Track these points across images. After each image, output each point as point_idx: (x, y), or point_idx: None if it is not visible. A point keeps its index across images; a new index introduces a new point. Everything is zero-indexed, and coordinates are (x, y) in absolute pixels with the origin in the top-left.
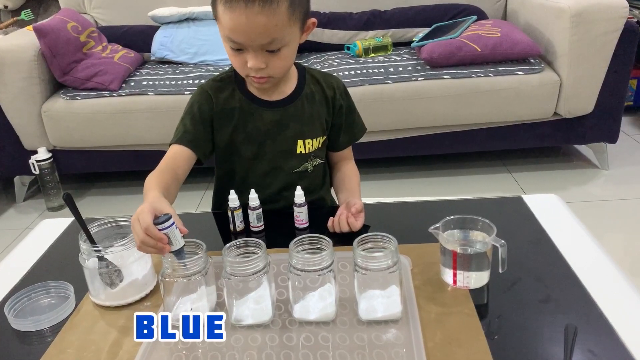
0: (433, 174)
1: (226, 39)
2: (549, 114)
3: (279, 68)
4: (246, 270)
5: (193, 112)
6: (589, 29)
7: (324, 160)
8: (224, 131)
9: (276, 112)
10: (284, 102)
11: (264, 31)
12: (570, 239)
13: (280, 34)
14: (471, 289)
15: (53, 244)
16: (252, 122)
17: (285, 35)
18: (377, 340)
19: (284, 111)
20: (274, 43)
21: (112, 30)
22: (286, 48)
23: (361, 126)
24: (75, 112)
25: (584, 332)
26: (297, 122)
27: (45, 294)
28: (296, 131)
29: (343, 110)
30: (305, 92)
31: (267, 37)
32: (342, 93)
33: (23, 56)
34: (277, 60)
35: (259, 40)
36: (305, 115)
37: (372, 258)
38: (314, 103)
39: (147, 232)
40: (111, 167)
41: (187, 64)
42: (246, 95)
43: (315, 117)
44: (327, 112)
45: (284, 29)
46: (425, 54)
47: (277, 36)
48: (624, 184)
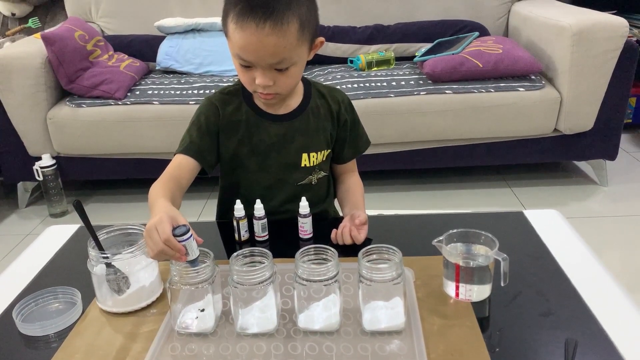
0: (434, 187)
1: (236, 56)
2: (549, 130)
3: (287, 85)
4: (253, 279)
5: (200, 123)
6: (589, 47)
7: (327, 173)
8: (229, 143)
9: (282, 126)
10: (290, 116)
11: (273, 51)
12: (570, 254)
13: (289, 54)
14: (473, 301)
15: (60, 250)
16: (258, 135)
17: (294, 55)
18: (380, 351)
19: (289, 125)
20: (282, 62)
21: (118, 39)
22: (294, 67)
23: (366, 139)
24: (80, 119)
25: (584, 346)
26: (302, 135)
27: (53, 300)
28: (301, 144)
29: (348, 124)
30: (310, 106)
31: (277, 57)
32: (347, 107)
33: (30, 63)
34: (284, 78)
35: (268, 59)
36: (311, 129)
37: (377, 269)
38: (319, 117)
39: (167, 243)
40: (114, 175)
41: (192, 74)
42: (253, 108)
43: (320, 131)
44: (332, 126)
45: (293, 49)
46: (427, 69)
47: (286, 56)
48: (623, 201)
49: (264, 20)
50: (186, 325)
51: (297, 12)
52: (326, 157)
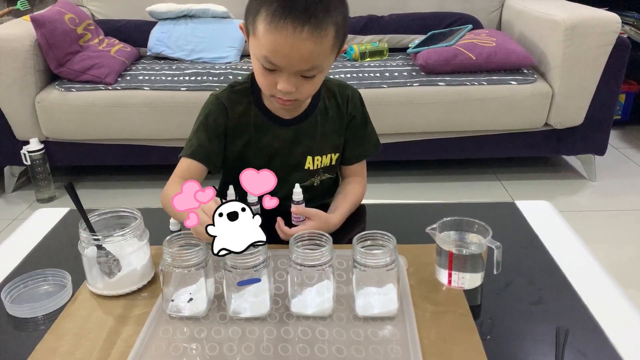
0: (423, 179)
1: (262, 58)
2: (539, 124)
3: (308, 92)
4: (246, 263)
5: (208, 125)
6: (582, 42)
7: (334, 175)
8: (235, 144)
9: (290, 130)
10: (298, 120)
11: (308, 58)
12: (561, 245)
13: (321, 61)
14: (465, 289)
15: (50, 233)
16: (266, 138)
17: (325, 62)
18: (373, 336)
19: (298, 129)
20: (313, 69)
21: (109, 23)
22: (321, 74)
23: (375, 142)
24: (69, 104)
25: (575, 334)
26: (309, 138)
27: (43, 282)
28: (307, 147)
29: (356, 122)
30: (319, 107)
31: (309, 64)
32: (357, 104)
33: (19, 46)
34: (308, 85)
35: (300, 65)
36: (318, 132)
37: (371, 255)
38: (327, 119)
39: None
40: (103, 161)
41: (183, 61)
42: (262, 109)
43: (327, 134)
44: (341, 127)
45: (325, 57)
46: (420, 61)
47: (318, 63)
48: (610, 196)
49: (303, 24)
50: (178, 308)
51: (335, 18)
52: (335, 161)
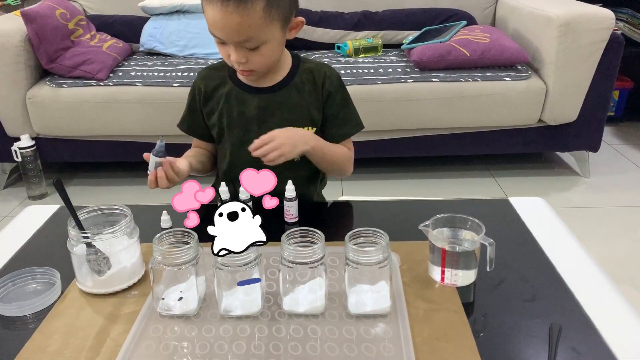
0: (417, 175)
1: (210, 32)
2: (533, 121)
3: (261, 64)
4: (237, 261)
5: (188, 101)
6: (576, 39)
7: None
8: (213, 117)
9: (262, 99)
10: (271, 90)
11: (238, 29)
12: (555, 241)
13: (255, 32)
14: (458, 286)
15: (39, 230)
16: (238, 107)
17: (262, 34)
18: (365, 334)
19: (269, 98)
20: (250, 41)
21: (101, 19)
22: (266, 45)
23: (355, 122)
24: (61, 100)
25: (568, 331)
26: (283, 110)
27: (31, 280)
28: (282, 119)
29: (335, 100)
30: (295, 81)
31: (242, 35)
32: (334, 82)
33: (9, 41)
34: (257, 57)
35: (235, 37)
36: (293, 104)
37: (364, 252)
38: (303, 92)
39: None
40: (95, 157)
41: (176, 57)
42: (235, 82)
43: (302, 107)
44: (317, 102)
45: (260, 28)
46: (415, 57)
47: (252, 35)
48: (604, 192)
49: None
50: (168, 307)
51: None
52: None
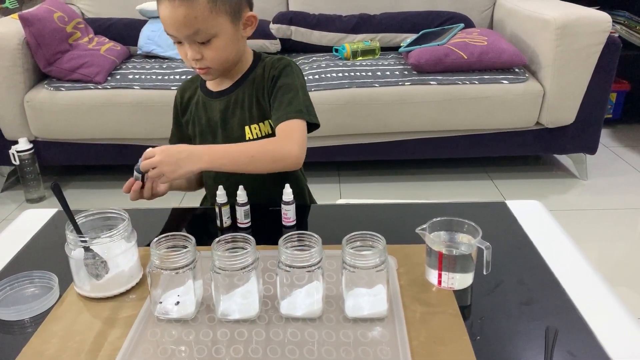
0: (415, 178)
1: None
2: (531, 123)
3: (215, 59)
4: (235, 265)
5: (173, 114)
6: (573, 41)
7: None
8: (189, 126)
9: (222, 102)
10: (229, 91)
11: (184, 22)
12: (551, 245)
13: (203, 25)
14: (455, 290)
15: (37, 234)
16: (206, 114)
17: (210, 27)
18: (362, 338)
19: (229, 99)
20: (199, 34)
21: (99, 22)
22: (217, 39)
23: (296, 109)
24: (58, 103)
25: (564, 334)
26: (240, 108)
27: (29, 284)
28: (241, 118)
29: (277, 84)
30: (249, 78)
31: (190, 29)
32: (278, 68)
33: (7, 44)
34: (210, 52)
35: (183, 31)
36: (246, 101)
37: (361, 256)
38: (254, 87)
39: None
40: (93, 161)
41: (173, 59)
42: (203, 89)
43: (254, 102)
44: (265, 91)
45: (206, 21)
46: (412, 60)
47: (199, 27)
48: (602, 195)
49: None
50: (166, 310)
51: None
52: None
